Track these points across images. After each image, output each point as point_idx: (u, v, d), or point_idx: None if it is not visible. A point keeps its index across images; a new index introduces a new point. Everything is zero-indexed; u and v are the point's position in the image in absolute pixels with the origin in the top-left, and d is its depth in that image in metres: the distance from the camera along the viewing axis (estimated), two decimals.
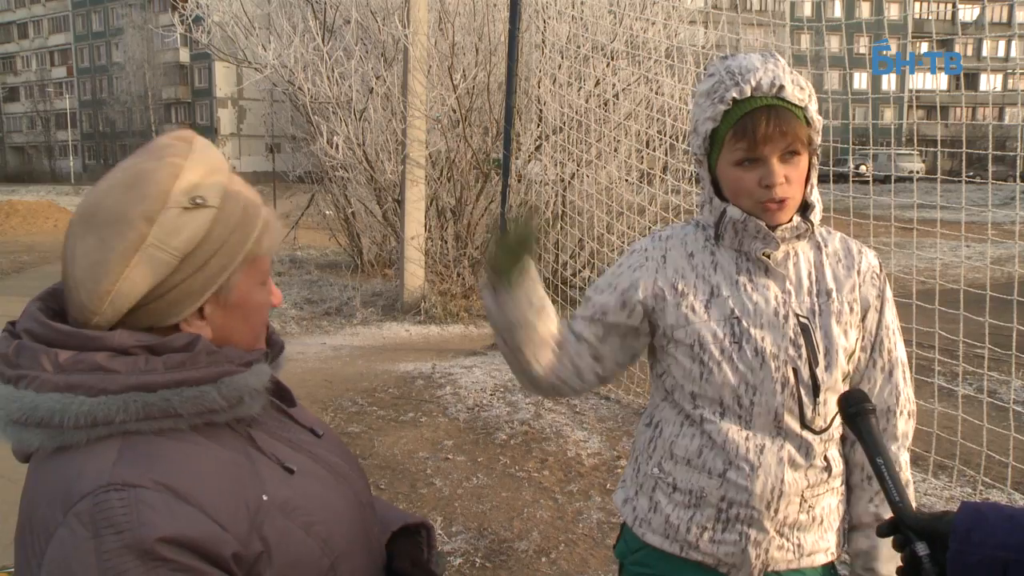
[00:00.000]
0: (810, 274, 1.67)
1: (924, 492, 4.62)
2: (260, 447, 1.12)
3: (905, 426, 1.73)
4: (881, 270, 1.74)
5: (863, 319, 1.69)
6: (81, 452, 0.98)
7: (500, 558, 4.04)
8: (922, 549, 1.16)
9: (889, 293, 1.74)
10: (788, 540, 1.66)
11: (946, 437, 4.77)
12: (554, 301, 8.58)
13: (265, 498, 1.05)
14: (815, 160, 1.64)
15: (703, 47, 8.05)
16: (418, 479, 4.96)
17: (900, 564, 1.20)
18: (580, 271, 9.43)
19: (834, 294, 1.66)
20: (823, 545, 1.70)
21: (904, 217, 5.32)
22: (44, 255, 16.80)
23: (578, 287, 8.65)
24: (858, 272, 1.69)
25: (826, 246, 1.70)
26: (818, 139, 1.62)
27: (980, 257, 11.41)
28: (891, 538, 1.22)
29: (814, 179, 1.64)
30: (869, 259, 1.72)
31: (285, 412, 1.25)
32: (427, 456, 5.34)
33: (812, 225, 1.65)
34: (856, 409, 1.34)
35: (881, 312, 1.70)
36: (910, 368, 1.80)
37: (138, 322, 1.06)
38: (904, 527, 1.20)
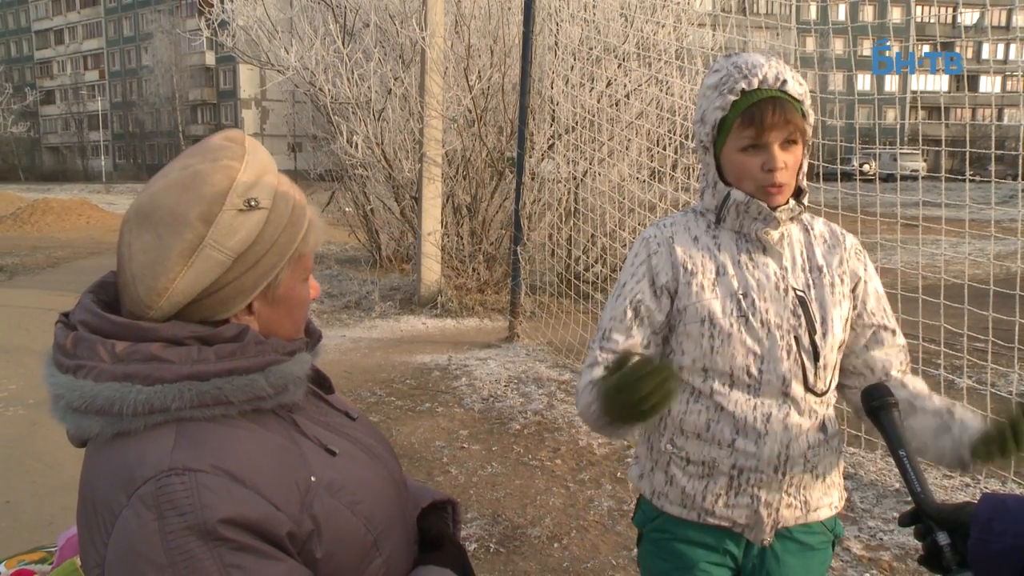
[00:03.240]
0: (802, 253, 1.77)
1: (930, 480, 4.56)
2: (303, 431, 1.14)
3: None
4: (861, 247, 1.86)
5: (854, 289, 1.79)
6: (139, 438, 1.00)
7: (514, 543, 4.02)
8: (943, 538, 1.16)
9: (872, 266, 1.85)
10: (795, 499, 1.74)
11: None
12: (567, 295, 8.58)
13: (313, 479, 1.07)
14: (806, 151, 1.74)
15: (711, 49, 8.00)
16: (434, 467, 4.94)
17: (922, 553, 1.19)
18: (592, 266, 9.39)
19: (825, 269, 1.76)
20: (827, 500, 1.80)
21: (907, 215, 5.27)
22: (77, 251, 16.91)
23: (590, 281, 8.62)
24: (844, 248, 1.80)
25: (812, 229, 1.82)
26: (810, 131, 1.72)
27: (980, 254, 11.31)
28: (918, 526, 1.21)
29: (805, 167, 1.76)
30: (851, 239, 1.85)
31: (321, 397, 1.27)
32: (443, 445, 5.32)
33: (803, 208, 1.76)
34: (879, 403, 1.33)
35: (872, 282, 1.82)
36: (918, 361, 1.81)
37: (191, 316, 1.07)
38: (926, 517, 1.20)
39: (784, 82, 1.64)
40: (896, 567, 3.74)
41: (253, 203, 1.06)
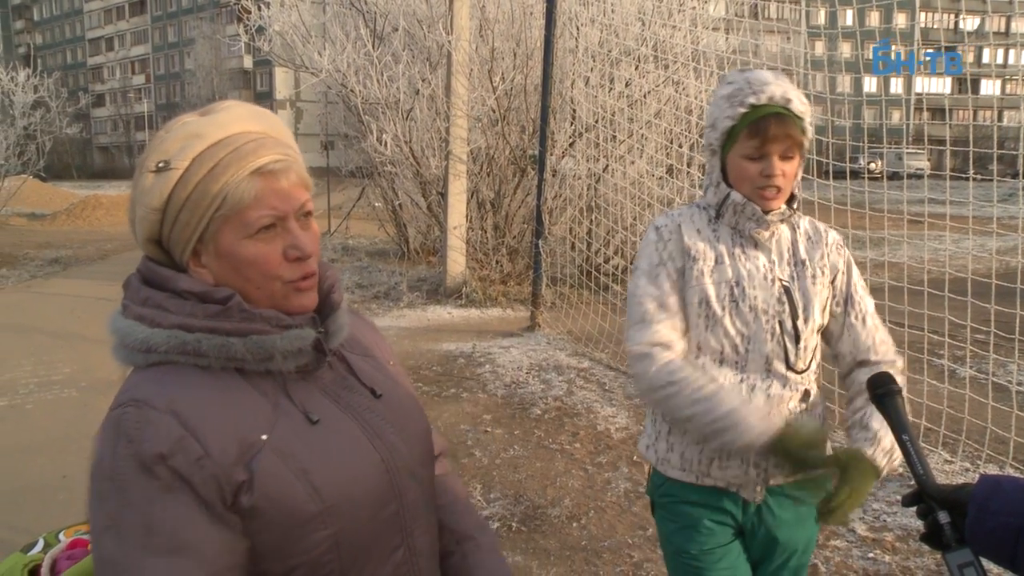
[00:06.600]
0: (788, 248, 1.89)
1: (932, 465, 4.50)
2: (291, 397, 1.13)
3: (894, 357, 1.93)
4: (843, 243, 1.98)
5: (832, 281, 1.91)
6: (140, 371, 1.10)
7: (534, 523, 4.02)
8: (944, 517, 1.17)
9: (851, 259, 1.96)
10: None
11: (952, 414, 4.67)
12: (586, 287, 8.55)
13: (264, 438, 1.08)
14: (802, 163, 1.85)
15: (725, 52, 7.92)
16: (459, 450, 4.94)
17: (924, 531, 1.21)
18: (611, 259, 9.36)
19: (807, 263, 1.89)
20: None
21: (912, 211, 5.22)
22: (125, 243, 17.04)
23: (609, 273, 8.59)
24: (825, 244, 1.93)
25: (798, 227, 1.93)
26: (808, 146, 1.82)
27: (982, 249, 11.15)
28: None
29: (799, 176, 1.87)
30: (833, 235, 1.97)
31: (351, 370, 1.24)
32: (468, 429, 5.33)
33: (794, 212, 1.88)
34: (884, 390, 1.34)
35: (848, 274, 1.93)
36: (923, 351, 1.80)
37: (164, 256, 1.17)
38: (927, 497, 1.21)
39: (789, 100, 1.75)
40: (899, 547, 3.71)
41: (162, 165, 1.10)
